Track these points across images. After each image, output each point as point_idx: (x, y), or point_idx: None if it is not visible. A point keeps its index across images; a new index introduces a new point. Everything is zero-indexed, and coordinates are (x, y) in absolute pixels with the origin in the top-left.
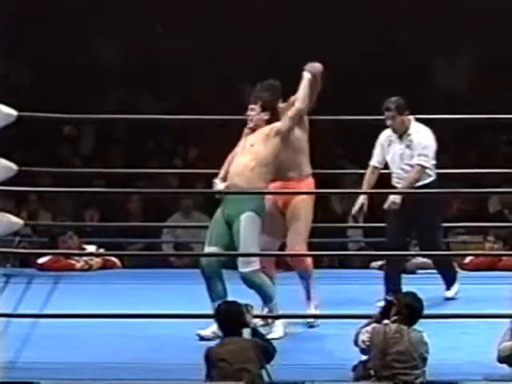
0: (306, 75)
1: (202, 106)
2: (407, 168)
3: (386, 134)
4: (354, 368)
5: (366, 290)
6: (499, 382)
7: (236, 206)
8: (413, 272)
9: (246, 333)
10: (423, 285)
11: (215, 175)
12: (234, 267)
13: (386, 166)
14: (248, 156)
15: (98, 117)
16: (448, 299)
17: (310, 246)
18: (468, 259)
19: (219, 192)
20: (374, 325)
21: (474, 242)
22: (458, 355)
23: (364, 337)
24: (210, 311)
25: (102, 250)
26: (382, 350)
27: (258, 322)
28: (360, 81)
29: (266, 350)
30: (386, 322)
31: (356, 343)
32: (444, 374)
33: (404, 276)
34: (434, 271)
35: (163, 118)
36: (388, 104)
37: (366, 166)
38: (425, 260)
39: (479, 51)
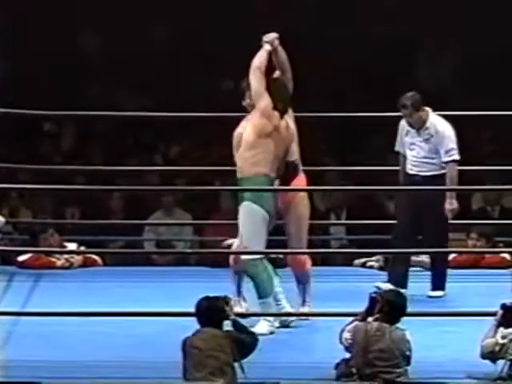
0: (265, 46)
1: (183, 103)
2: (423, 159)
3: (403, 123)
4: (337, 366)
5: (350, 288)
6: (482, 381)
7: (239, 199)
8: None
9: (227, 325)
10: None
11: (196, 172)
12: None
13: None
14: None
15: (77, 113)
16: (431, 297)
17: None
18: (451, 256)
19: (201, 189)
20: (355, 323)
21: (456, 239)
22: (441, 353)
23: (347, 335)
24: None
25: (82, 248)
26: (363, 347)
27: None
28: (344, 77)
29: (242, 343)
30: (368, 319)
31: (341, 341)
32: (427, 372)
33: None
34: (419, 269)
35: (144, 115)
36: (404, 101)
37: (347, 163)
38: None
39: (464, 49)
